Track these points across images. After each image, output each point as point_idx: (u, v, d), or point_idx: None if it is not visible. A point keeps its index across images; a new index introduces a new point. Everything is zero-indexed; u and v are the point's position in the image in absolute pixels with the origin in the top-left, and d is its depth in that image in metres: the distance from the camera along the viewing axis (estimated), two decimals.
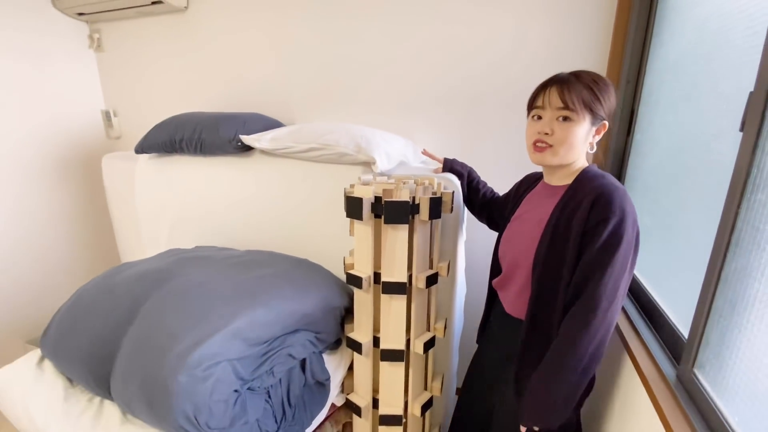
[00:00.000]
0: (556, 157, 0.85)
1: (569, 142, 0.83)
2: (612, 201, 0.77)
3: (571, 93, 0.81)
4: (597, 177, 0.83)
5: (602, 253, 0.77)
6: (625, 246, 0.76)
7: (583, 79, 0.82)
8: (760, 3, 0.72)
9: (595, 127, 0.85)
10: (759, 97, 0.64)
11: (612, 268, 0.76)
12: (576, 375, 0.79)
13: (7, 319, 1.91)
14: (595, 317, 0.77)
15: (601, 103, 0.82)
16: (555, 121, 0.83)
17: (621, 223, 0.76)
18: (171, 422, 0.84)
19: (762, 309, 0.60)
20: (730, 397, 0.66)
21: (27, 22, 1.85)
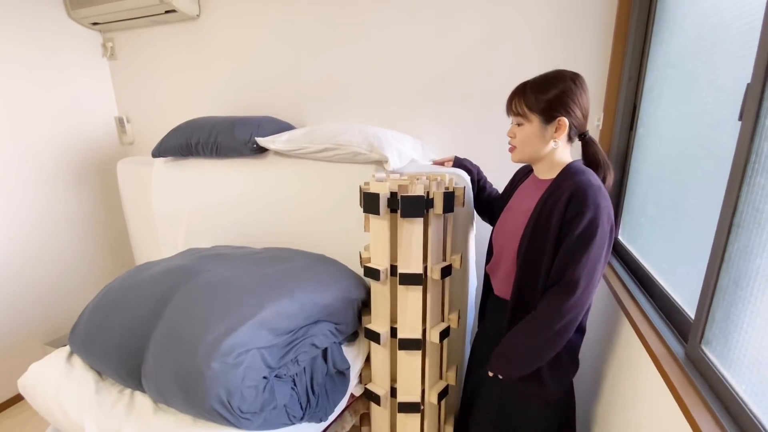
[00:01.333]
0: (517, 155, 1.00)
1: (524, 142, 0.96)
2: (587, 196, 0.86)
3: (520, 102, 0.94)
4: (577, 173, 0.92)
5: (579, 243, 0.86)
6: (599, 236, 0.85)
7: (533, 84, 0.93)
8: (755, 0, 0.77)
9: (550, 125, 0.93)
10: (756, 88, 0.68)
11: (588, 255, 0.85)
12: (541, 344, 0.91)
13: (25, 321, 1.96)
14: (571, 298, 0.86)
15: (551, 106, 0.91)
16: (515, 127, 0.98)
17: (595, 217, 0.85)
18: (206, 407, 0.88)
19: (763, 283, 0.65)
20: (737, 369, 0.70)
21: (43, 33, 1.91)
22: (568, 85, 0.91)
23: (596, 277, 0.88)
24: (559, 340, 0.91)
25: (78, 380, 1.13)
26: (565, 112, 0.91)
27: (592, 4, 1.38)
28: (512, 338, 0.96)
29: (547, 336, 0.90)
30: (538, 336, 0.91)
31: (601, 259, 0.88)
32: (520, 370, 0.96)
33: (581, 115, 0.93)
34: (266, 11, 1.81)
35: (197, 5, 1.90)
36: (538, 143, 0.95)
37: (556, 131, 0.93)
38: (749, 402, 0.66)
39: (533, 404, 1.05)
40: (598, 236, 0.85)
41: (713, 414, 0.69)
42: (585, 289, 0.87)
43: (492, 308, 1.16)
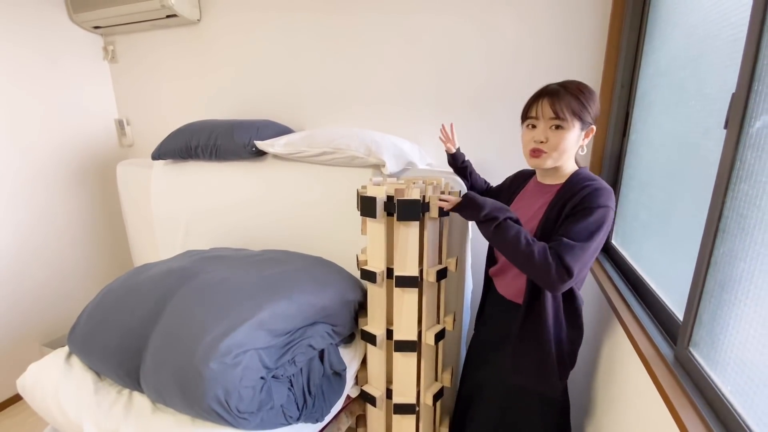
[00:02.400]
0: (551, 160, 0.96)
1: (562, 147, 0.93)
2: (601, 195, 0.89)
3: (561, 104, 0.91)
4: (590, 178, 0.94)
5: (587, 229, 0.86)
6: (605, 228, 0.88)
7: (571, 90, 0.92)
8: (741, 13, 0.80)
9: (584, 131, 0.95)
10: (740, 98, 0.71)
11: (590, 243, 0.86)
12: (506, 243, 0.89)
13: (23, 322, 1.97)
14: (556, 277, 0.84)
15: (588, 110, 0.92)
16: (548, 130, 0.93)
17: (605, 213, 0.88)
18: (204, 406, 0.90)
19: (747, 287, 0.67)
20: (723, 370, 0.72)
21: (45, 36, 1.93)
22: (593, 92, 0.95)
23: (586, 269, 0.91)
24: (513, 257, 0.90)
25: (77, 380, 1.14)
26: (594, 119, 0.95)
27: (586, 12, 1.41)
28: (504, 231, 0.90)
29: (516, 251, 0.87)
30: (514, 244, 0.88)
31: (596, 253, 0.90)
32: (472, 217, 0.96)
33: None
34: (266, 16, 1.83)
35: (198, 10, 1.92)
36: (572, 149, 0.95)
37: (585, 137, 0.96)
38: (735, 402, 0.68)
39: (533, 406, 1.06)
40: (602, 231, 0.87)
41: (700, 414, 0.70)
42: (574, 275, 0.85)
43: (496, 310, 1.16)
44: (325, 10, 1.73)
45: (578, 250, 0.84)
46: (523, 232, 0.89)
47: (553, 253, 0.85)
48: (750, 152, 0.68)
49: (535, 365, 1.01)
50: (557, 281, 0.85)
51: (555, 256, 0.84)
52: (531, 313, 0.99)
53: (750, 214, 0.67)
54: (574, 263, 0.84)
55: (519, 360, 1.03)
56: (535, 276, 0.88)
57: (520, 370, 1.03)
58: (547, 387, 1.02)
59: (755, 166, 0.67)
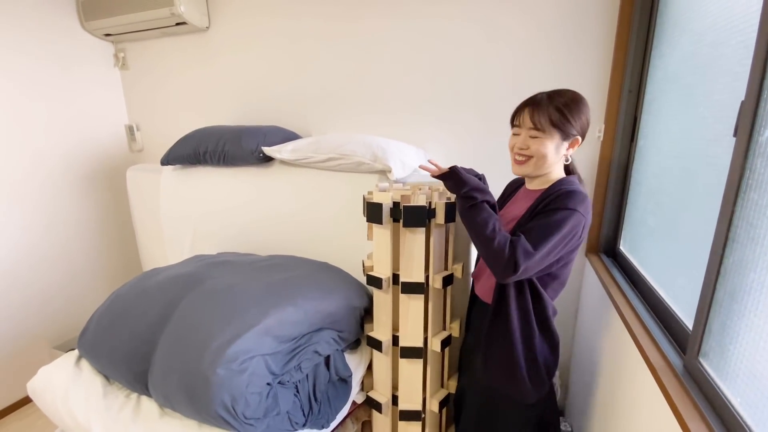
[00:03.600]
0: (529, 168, 0.99)
1: (541, 155, 0.96)
2: (569, 198, 0.90)
3: (540, 115, 0.93)
4: (568, 183, 0.96)
5: (545, 228, 0.88)
6: (566, 231, 0.88)
7: (555, 101, 0.93)
8: (749, 20, 0.79)
9: (566, 142, 0.95)
10: (749, 106, 0.70)
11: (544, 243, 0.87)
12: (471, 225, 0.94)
13: (33, 325, 2.00)
14: (503, 266, 0.88)
15: (570, 123, 0.93)
16: (529, 138, 0.97)
17: (569, 215, 0.88)
18: (210, 412, 0.90)
19: (758, 297, 0.66)
20: (732, 381, 0.71)
21: (57, 43, 1.97)
22: (584, 103, 0.95)
23: (535, 268, 0.90)
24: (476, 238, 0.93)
25: (86, 384, 1.15)
26: (580, 131, 0.95)
27: (594, 16, 1.40)
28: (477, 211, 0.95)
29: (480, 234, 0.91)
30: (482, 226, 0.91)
31: (552, 253, 0.90)
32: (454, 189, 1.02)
33: (586, 133, 0.98)
34: (273, 24, 1.85)
35: (207, 18, 1.95)
36: (553, 158, 0.96)
37: (568, 148, 0.96)
38: (744, 415, 0.67)
39: (509, 406, 1.08)
40: (561, 233, 0.87)
41: (709, 426, 0.69)
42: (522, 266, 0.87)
43: (476, 314, 1.20)
44: (332, 17, 1.74)
45: (530, 248, 0.86)
46: (493, 218, 0.93)
47: (510, 246, 0.87)
48: (760, 161, 0.68)
49: (503, 367, 1.03)
50: (502, 271, 0.89)
51: (510, 249, 0.87)
52: (499, 314, 1.01)
53: (760, 223, 0.66)
54: (522, 260, 0.86)
55: (488, 360, 1.05)
56: (488, 262, 0.91)
57: (489, 370, 1.06)
58: (518, 392, 1.03)
59: (765, 175, 0.66)
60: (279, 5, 1.82)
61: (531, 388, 1.01)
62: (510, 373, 1.02)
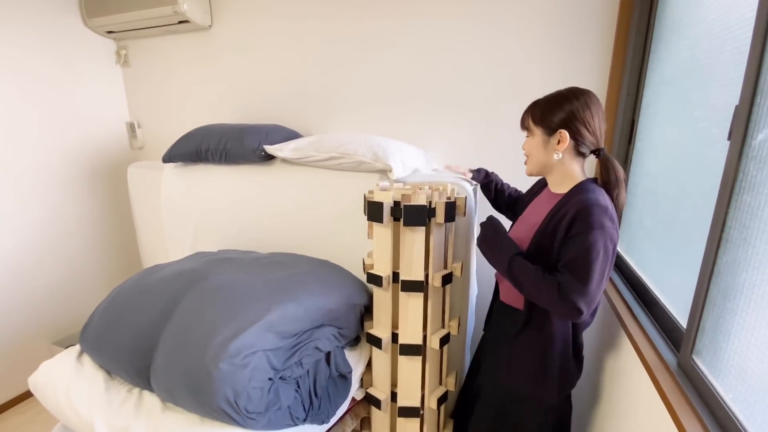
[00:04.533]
0: (528, 167, 1.05)
1: (530, 153, 1.03)
2: (591, 216, 0.87)
3: (527, 117, 1.01)
4: (586, 191, 0.93)
5: (583, 258, 0.86)
6: (600, 256, 0.86)
7: (540, 102, 0.99)
8: (745, 26, 0.81)
9: (552, 138, 0.96)
10: (743, 110, 0.72)
11: (592, 275, 0.85)
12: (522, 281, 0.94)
13: (33, 320, 2.00)
14: (570, 315, 0.89)
15: (549, 117, 0.96)
16: (526, 139, 1.04)
17: (599, 235, 0.86)
18: (213, 406, 0.92)
19: (749, 296, 0.68)
20: (725, 378, 0.73)
21: (60, 40, 1.98)
22: (571, 101, 0.94)
23: (602, 286, 0.89)
24: (528, 294, 0.95)
25: (88, 379, 1.16)
26: (565, 125, 0.94)
27: (593, 20, 1.42)
28: (518, 263, 0.94)
29: (530, 287, 0.92)
30: (527, 280, 0.92)
31: (603, 279, 0.88)
32: (487, 258, 1.03)
33: (588, 131, 0.94)
34: (275, 23, 1.86)
35: (209, 16, 1.96)
36: (541, 154, 0.99)
37: (558, 143, 0.96)
38: (736, 411, 0.68)
39: (529, 408, 1.08)
40: (601, 254, 0.86)
41: (702, 422, 0.71)
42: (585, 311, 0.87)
43: (497, 314, 1.19)
44: (334, 16, 1.76)
45: (581, 286, 0.85)
46: (531, 273, 0.91)
47: (562, 293, 0.86)
48: (753, 164, 0.70)
49: (530, 370, 1.02)
50: (570, 318, 0.91)
51: (562, 297, 0.86)
52: (532, 320, 1.01)
53: (752, 224, 0.68)
54: (581, 302, 0.86)
55: (513, 363, 1.05)
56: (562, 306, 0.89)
57: (513, 372, 1.06)
58: (543, 394, 1.03)
59: (757, 178, 0.68)
60: (281, 5, 1.83)
61: (557, 391, 1.02)
62: (538, 377, 1.02)
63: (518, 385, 1.06)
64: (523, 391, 1.05)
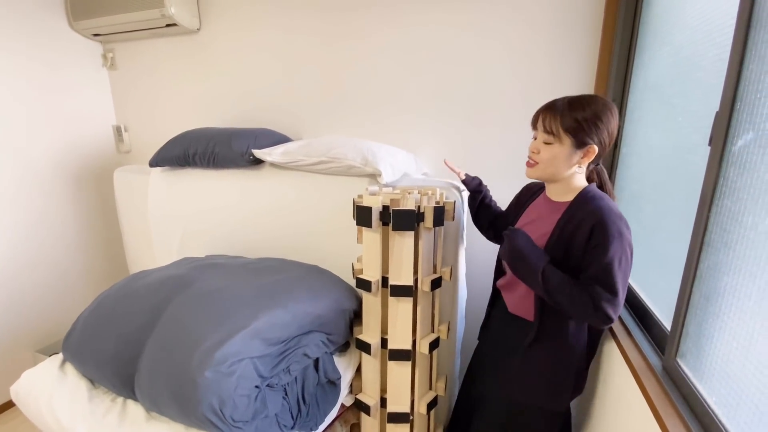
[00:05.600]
0: (537, 172, 0.97)
1: (549, 162, 0.94)
2: (610, 226, 0.86)
3: (555, 121, 0.91)
4: (595, 198, 0.91)
5: (609, 267, 0.85)
6: (624, 262, 0.87)
7: (573, 107, 0.90)
8: (725, 34, 0.82)
9: (580, 150, 0.91)
10: (723, 117, 0.73)
11: (618, 276, 0.86)
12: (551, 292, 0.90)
13: (16, 328, 1.96)
14: (602, 323, 0.88)
15: (585, 131, 0.89)
16: (542, 143, 0.95)
17: (620, 242, 0.86)
18: (198, 415, 0.90)
19: (731, 300, 0.69)
20: (708, 381, 0.74)
21: (44, 43, 1.95)
22: (604, 111, 0.90)
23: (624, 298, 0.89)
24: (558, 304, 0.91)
25: (71, 388, 1.14)
26: (597, 140, 0.90)
27: (579, 27, 1.44)
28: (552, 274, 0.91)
29: (562, 298, 0.89)
30: (560, 291, 0.89)
31: (626, 283, 0.89)
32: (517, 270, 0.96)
33: (608, 144, 0.93)
34: (265, 28, 1.86)
35: (198, 20, 1.95)
36: (563, 165, 0.93)
37: (583, 157, 0.92)
38: (719, 414, 0.69)
39: (538, 417, 1.05)
40: (623, 262, 0.86)
41: (686, 425, 0.72)
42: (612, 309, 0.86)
43: (503, 324, 1.15)
44: (324, 21, 1.76)
45: (610, 296, 0.86)
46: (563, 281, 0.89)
47: (595, 305, 0.86)
48: (732, 169, 0.71)
49: (546, 382, 1.01)
50: (605, 325, 0.89)
51: (597, 307, 0.86)
52: (545, 331, 0.99)
53: (733, 229, 0.70)
54: (611, 310, 0.86)
55: (526, 377, 1.03)
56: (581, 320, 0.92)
57: (527, 386, 1.03)
58: (556, 403, 1.02)
59: (737, 183, 0.69)
60: (271, 9, 1.82)
61: (569, 396, 1.01)
62: (554, 388, 1.00)
63: (531, 398, 1.03)
64: (536, 403, 1.03)
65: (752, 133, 0.67)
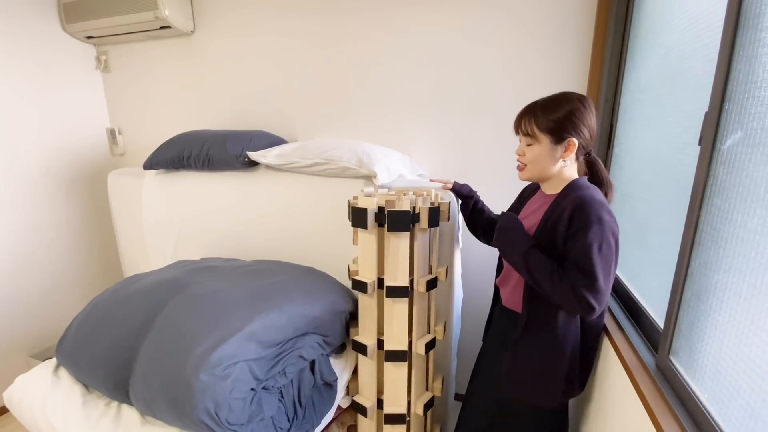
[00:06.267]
0: (527, 173, 1.01)
1: (534, 161, 0.98)
2: (590, 211, 0.87)
3: (531, 122, 0.95)
4: (580, 188, 0.93)
5: (586, 252, 0.86)
6: (605, 248, 0.86)
7: (546, 106, 0.94)
8: (714, 35, 0.84)
9: (560, 146, 0.94)
10: (712, 116, 0.74)
11: (599, 263, 0.86)
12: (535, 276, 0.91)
13: (9, 333, 1.94)
14: (584, 312, 0.87)
15: (561, 128, 0.92)
16: (524, 146, 0.99)
17: (599, 230, 0.86)
18: (193, 418, 0.90)
19: (721, 297, 0.70)
20: (700, 378, 0.75)
21: (37, 45, 1.94)
22: (576, 105, 0.93)
23: (611, 279, 0.88)
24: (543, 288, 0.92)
25: (65, 393, 1.13)
26: (575, 133, 0.93)
27: (571, 29, 1.46)
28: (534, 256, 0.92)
29: (544, 281, 0.90)
30: (541, 274, 0.90)
31: (610, 273, 0.88)
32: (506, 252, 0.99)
33: (588, 135, 0.95)
34: (259, 29, 1.86)
35: (192, 22, 1.95)
36: (547, 162, 0.96)
37: (565, 151, 0.94)
38: (711, 410, 0.70)
39: (531, 415, 1.06)
40: (604, 248, 0.86)
41: (679, 422, 0.72)
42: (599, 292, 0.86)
43: (498, 319, 1.18)
44: (318, 24, 1.76)
45: (591, 282, 0.85)
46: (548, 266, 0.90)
47: (575, 290, 0.86)
48: (722, 169, 0.72)
49: (535, 375, 1.01)
50: (586, 314, 0.88)
51: (576, 293, 0.86)
52: (534, 324, 1.00)
53: (723, 227, 0.70)
54: (592, 298, 0.85)
55: (515, 370, 1.03)
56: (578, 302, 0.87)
57: (515, 379, 1.04)
58: (545, 399, 1.02)
59: (726, 182, 0.70)
60: (265, 12, 1.83)
61: (561, 395, 1.00)
62: (541, 382, 1.00)
63: (518, 390, 1.04)
64: (523, 397, 1.03)
65: (741, 132, 0.68)
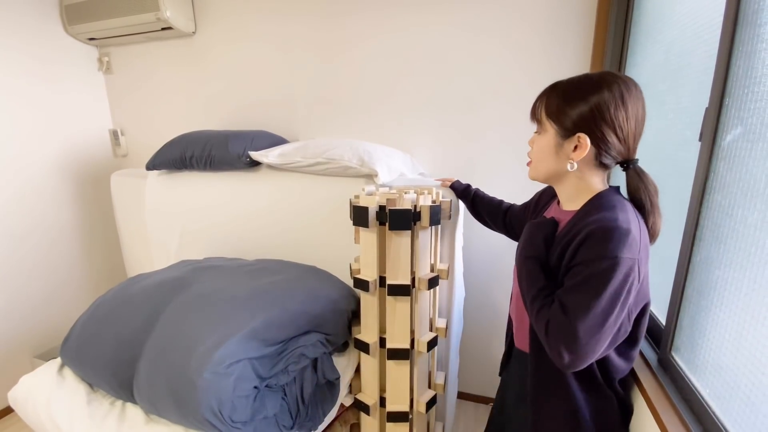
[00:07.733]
0: (532, 171, 0.81)
1: (537, 156, 0.78)
2: (605, 244, 0.63)
3: (540, 104, 0.75)
4: (606, 207, 0.69)
5: (579, 296, 0.64)
6: (606, 303, 0.63)
7: (567, 90, 0.72)
8: (714, 31, 0.84)
9: (565, 141, 0.72)
10: (712, 112, 0.74)
11: (595, 309, 0.63)
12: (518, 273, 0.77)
13: (14, 333, 1.95)
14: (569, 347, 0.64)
15: (573, 116, 0.69)
16: (534, 135, 0.80)
17: (609, 276, 0.62)
18: (197, 416, 0.90)
19: (722, 293, 0.70)
20: (702, 374, 0.75)
21: (40, 47, 1.95)
22: (605, 98, 0.68)
23: (603, 335, 0.65)
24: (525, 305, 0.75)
25: (69, 392, 1.14)
26: (588, 129, 0.69)
27: (572, 26, 1.46)
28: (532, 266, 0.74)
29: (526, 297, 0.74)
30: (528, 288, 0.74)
31: (605, 327, 0.64)
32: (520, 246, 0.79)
33: (617, 137, 0.69)
34: (261, 29, 1.86)
35: (193, 23, 1.95)
36: (550, 159, 0.74)
37: (574, 149, 0.71)
38: (713, 405, 0.70)
39: None
40: (605, 302, 0.63)
41: (681, 418, 0.73)
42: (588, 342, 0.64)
43: (514, 361, 0.97)
44: (320, 23, 1.76)
45: (571, 328, 0.63)
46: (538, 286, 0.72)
47: (549, 327, 0.66)
48: (722, 164, 0.72)
49: (562, 425, 0.79)
50: (555, 360, 0.67)
51: (549, 332, 0.66)
52: (542, 365, 0.79)
53: (724, 223, 0.70)
54: (564, 348, 0.64)
55: (541, 423, 0.82)
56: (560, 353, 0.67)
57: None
58: None
59: (727, 178, 0.70)
60: (266, 12, 1.83)
61: None
62: None
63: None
64: None
65: (740, 127, 0.68)
